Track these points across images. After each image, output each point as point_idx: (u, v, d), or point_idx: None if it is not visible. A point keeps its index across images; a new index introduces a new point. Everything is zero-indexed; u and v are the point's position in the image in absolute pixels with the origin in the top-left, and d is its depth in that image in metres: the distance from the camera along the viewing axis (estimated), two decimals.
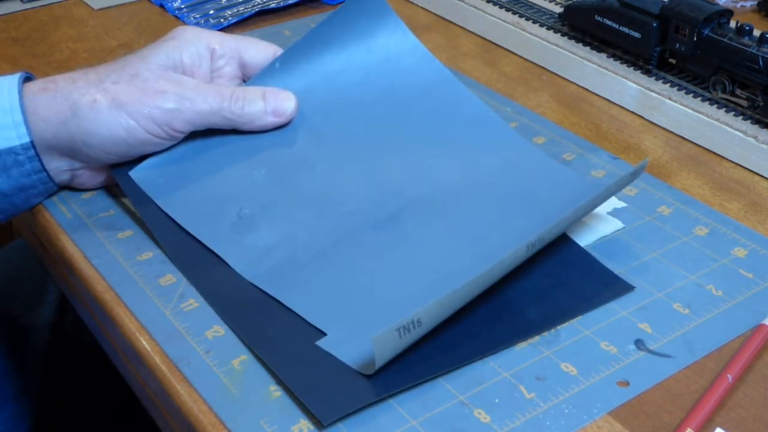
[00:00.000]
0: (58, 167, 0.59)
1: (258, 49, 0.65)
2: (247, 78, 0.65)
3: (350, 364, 0.47)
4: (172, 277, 0.54)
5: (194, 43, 0.62)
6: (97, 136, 0.57)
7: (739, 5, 0.88)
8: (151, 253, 0.56)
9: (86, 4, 0.93)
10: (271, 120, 0.61)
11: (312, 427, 0.44)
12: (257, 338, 0.49)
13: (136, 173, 0.60)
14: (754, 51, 0.64)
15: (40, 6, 0.92)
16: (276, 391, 0.46)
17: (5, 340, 0.84)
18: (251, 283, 0.53)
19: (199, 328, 0.50)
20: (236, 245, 0.55)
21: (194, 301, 0.52)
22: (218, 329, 0.50)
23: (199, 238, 0.56)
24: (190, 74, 0.61)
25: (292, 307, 0.51)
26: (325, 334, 0.49)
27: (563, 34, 0.79)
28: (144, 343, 0.50)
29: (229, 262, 0.54)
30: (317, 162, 0.61)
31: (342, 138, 0.62)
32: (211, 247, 0.55)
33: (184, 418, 0.46)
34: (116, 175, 0.60)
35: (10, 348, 0.83)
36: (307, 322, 0.50)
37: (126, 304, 0.52)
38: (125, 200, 0.61)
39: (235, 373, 0.47)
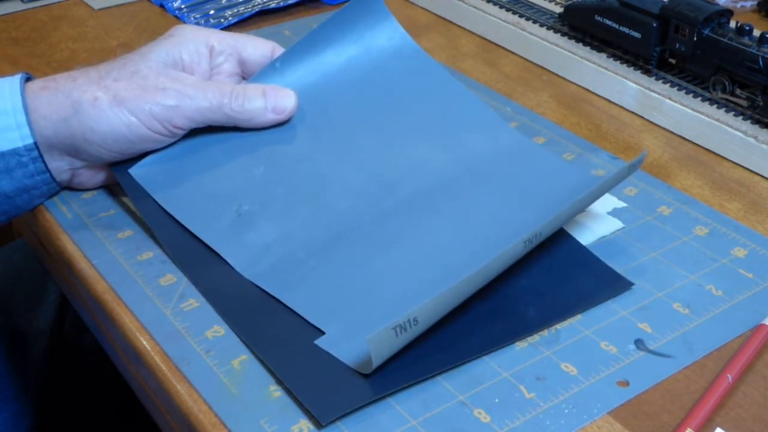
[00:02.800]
0: (59, 167, 0.59)
1: (256, 46, 0.65)
2: (246, 75, 0.65)
3: (348, 363, 0.47)
4: (172, 277, 0.54)
5: (193, 41, 0.62)
6: (98, 133, 0.57)
7: (739, 5, 0.88)
8: (151, 253, 0.56)
9: (86, 4, 0.93)
10: (271, 117, 0.61)
11: (312, 427, 0.44)
12: (256, 337, 0.49)
13: (135, 170, 0.60)
14: (754, 51, 0.64)
15: (40, 6, 0.92)
16: (276, 391, 0.46)
17: (5, 340, 0.84)
18: (251, 282, 0.53)
19: (199, 328, 0.50)
20: (235, 243, 0.55)
21: (194, 301, 0.52)
22: (218, 329, 0.50)
23: (199, 236, 0.56)
24: (190, 71, 0.61)
25: (291, 306, 0.51)
26: (324, 333, 0.49)
27: (563, 34, 0.79)
28: (144, 343, 0.50)
29: (229, 260, 0.54)
30: (316, 159, 0.61)
31: (341, 135, 0.63)
32: (211, 245, 0.56)
33: (184, 418, 0.46)
34: (116, 173, 0.60)
35: (10, 348, 0.83)
36: (307, 321, 0.50)
37: (126, 304, 0.52)
38: (125, 200, 0.61)
39: (235, 373, 0.47)
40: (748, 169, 0.65)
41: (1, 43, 0.85)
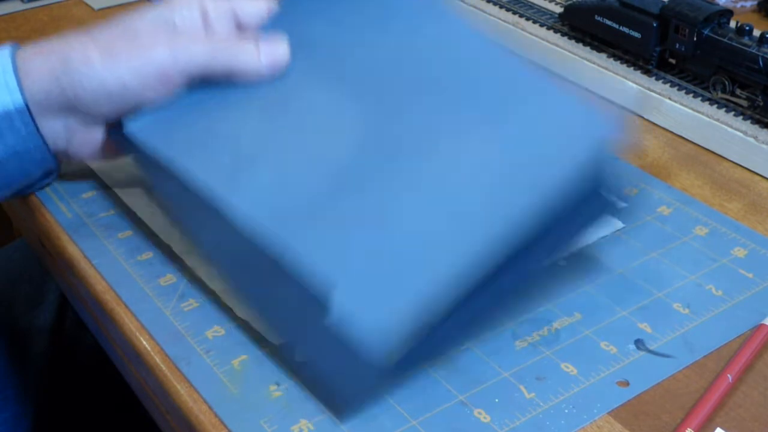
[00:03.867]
0: (52, 128, 0.57)
1: (253, 4, 0.63)
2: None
3: (363, 354, 0.44)
4: (172, 277, 0.54)
5: (187, 7, 0.61)
6: (90, 90, 0.56)
7: (739, 5, 0.88)
8: (151, 253, 0.56)
9: (86, 4, 0.93)
10: (264, 64, 0.60)
11: (312, 427, 0.44)
12: (263, 315, 0.48)
13: (132, 125, 0.58)
14: (754, 51, 0.64)
15: (40, 6, 0.92)
16: (276, 391, 0.46)
17: (5, 340, 0.84)
18: (254, 243, 0.50)
19: (199, 328, 0.50)
20: (238, 189, 0.53)
21: (194, 301, 0.52)
22: (218, 329, 0.50)
23: (199, 183, 0.54)
24: None
25: (299, 257, 0.47)
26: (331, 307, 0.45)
27: (563, 34, 0.79)
28: (144, 343, 0.50)
29: (231, 207, 0.52)
30: (318, 105, 0.58)
31: (345, 80, 0.59)
32: (212, 192, 0.53)
33: (184, 418, 0.46)
34: (112, 133, 0.59)
35: (10, 348, 0.83)
36: (317, 299, 0.46)
37: (126, 304, 0.52)
38: (125, 200, 0.61)
39: (235, 373, 0.47)
40: (748, 169, 0.65)
41: (1, 44, 0.85)
